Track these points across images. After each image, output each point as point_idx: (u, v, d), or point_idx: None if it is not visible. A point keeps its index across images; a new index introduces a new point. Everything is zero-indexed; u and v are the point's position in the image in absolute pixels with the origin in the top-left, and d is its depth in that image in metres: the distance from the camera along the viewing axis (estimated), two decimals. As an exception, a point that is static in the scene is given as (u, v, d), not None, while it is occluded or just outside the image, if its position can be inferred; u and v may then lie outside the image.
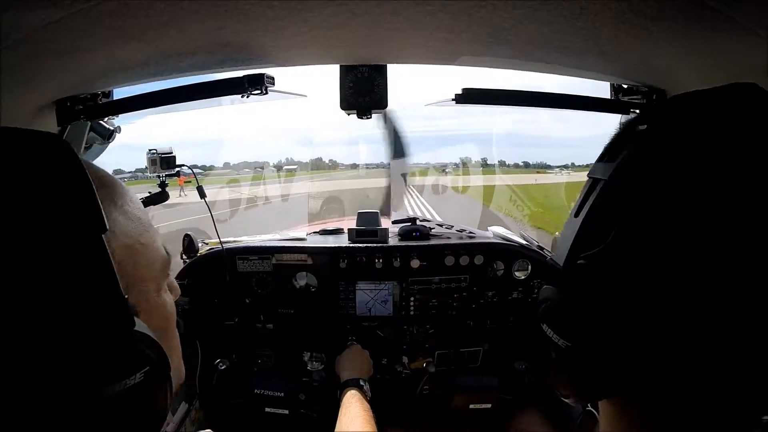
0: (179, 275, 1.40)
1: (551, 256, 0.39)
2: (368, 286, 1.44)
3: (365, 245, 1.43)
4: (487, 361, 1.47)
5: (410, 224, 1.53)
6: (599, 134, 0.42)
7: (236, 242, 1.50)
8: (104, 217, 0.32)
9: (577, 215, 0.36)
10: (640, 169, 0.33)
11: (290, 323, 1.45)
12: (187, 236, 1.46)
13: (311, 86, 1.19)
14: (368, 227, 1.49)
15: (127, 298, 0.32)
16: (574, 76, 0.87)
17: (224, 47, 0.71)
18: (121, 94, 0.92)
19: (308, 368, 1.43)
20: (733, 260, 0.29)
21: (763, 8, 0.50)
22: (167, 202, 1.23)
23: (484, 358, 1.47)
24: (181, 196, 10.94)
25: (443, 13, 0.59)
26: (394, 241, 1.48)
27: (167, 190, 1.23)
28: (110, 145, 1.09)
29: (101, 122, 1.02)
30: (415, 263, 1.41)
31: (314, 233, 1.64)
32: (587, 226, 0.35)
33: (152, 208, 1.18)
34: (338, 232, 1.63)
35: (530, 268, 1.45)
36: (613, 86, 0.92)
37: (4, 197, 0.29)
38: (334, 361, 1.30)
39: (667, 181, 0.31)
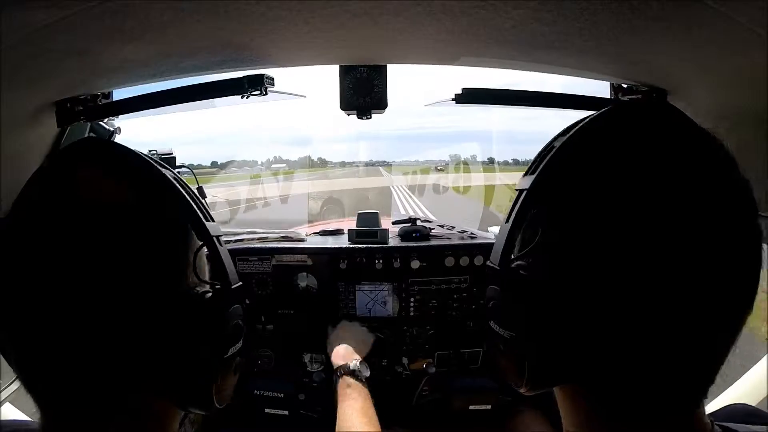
0: None
1: (489, 260, 0.44)
2: (368, 286, 1.44)
3: (365, 246, 1.43)
4: (487, 362, 1.47)
5: (410, 225, 1.53)
6: None
7: (236, 240, 1.50)
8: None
9: (507, 221, 0.42)
10: (552, 179, 0.39)
11: (290, 324, 1.45)
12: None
13: (310, 87, 1.19)
14: (368, 228, 1.49)
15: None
16: (574, 76, 0.87)
17: (224, 48, 0.71)
18: (121, 94, 0.92)
19: (308, 369, 1.43)
20: (626, 248, 0.34)
21: (763, 8, 0.50)
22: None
23: (484, 359, 1.47)
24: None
25: (443, 13, 0.59)
26: (394, 241, 1.48)
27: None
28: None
29: (101, 123, 1.02)
30: (415, 264, 1.41)
31: (314, 234, 1.64)
32: (514, 230, 0.41)
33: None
34: (338, 232, 1.62)
35: None
36: (613, 86, 0.92)
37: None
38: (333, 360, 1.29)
39: (574, 189, 0.37)
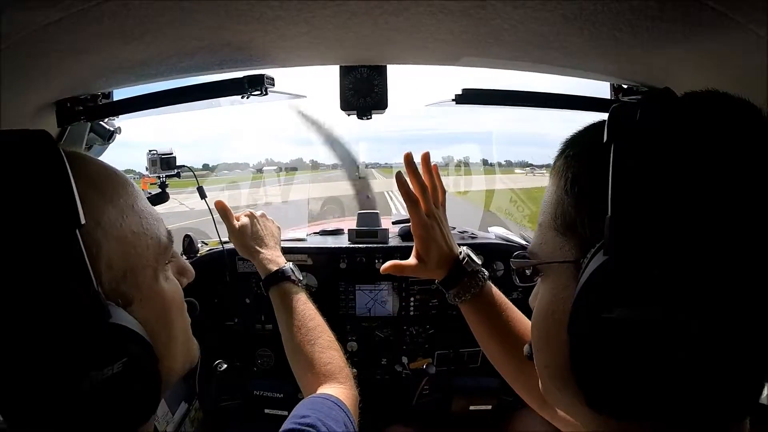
0: None
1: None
2: (368, 286, 1.44)
3: (365, 246, 1.43)
4: (487, 361, 1.47)
5: (410, 225, 1.53)
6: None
7: None
8: (80, 211, 0.32)
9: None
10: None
11: None
12: (187, 237, 1.46)
13: (310, 87, 1.19)
14: (368, 227, 1.49)
15: (116, 288, 0.36)
16: (574, 76, 0.87)
17: (224, 48, 0.71)
18: (121, 94, 0.92)
19: None
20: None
21: (763, 8, 0.50)
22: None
23: (483, 358, 1.47)
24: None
25: (443, 14, 0.59)
26: (394, 241, 1.48)
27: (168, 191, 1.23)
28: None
29: (101, 123, 1.02)
30: None
31: (314, 234, 1.64)
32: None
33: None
34: (338, 232, 1.63)
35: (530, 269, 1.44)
36: (613, 86, 0.92)
37: None
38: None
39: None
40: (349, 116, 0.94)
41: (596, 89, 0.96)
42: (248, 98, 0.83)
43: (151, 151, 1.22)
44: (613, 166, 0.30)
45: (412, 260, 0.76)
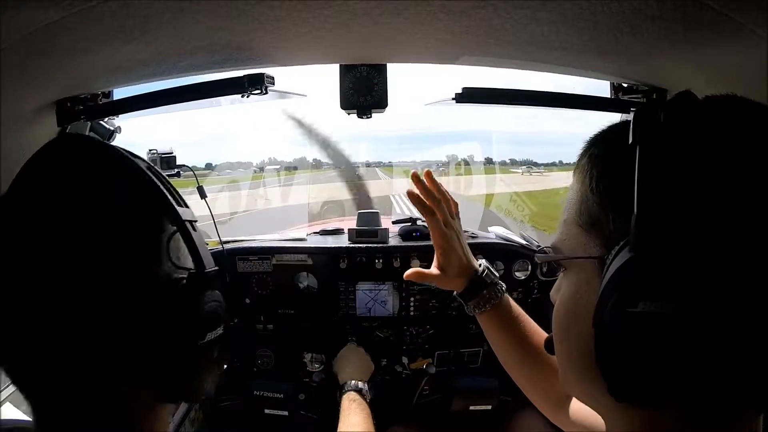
0: None
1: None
2: (368, 286, 1.44)
3: (365, 245, 1.43)
4: (487, 361, 1.47)
5: (410, 224, 1.53)
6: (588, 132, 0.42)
7: (236, 242, 1.50)
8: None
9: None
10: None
11: (290, 324, 1.45)
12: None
13: (310, 86, 1.19)
14: (368, 227, 1.49)
15: None
16: (574, 75, 0.87)
17: (224, 47, 0.71)
18: (121, 94, 0.92)
19: (308, 369, 1.43)
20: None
21: (763, 8, 0.50)
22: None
23: (484, 358, 1.47)
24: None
25: (443, 13, 0.59)
26: (394, 241, 1.48)
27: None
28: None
29: (101, 122, 1.02)
30: (415, 263, 1.41)
31: (314, 233, 1.64)
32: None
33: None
34: (338, 232, 1.63)
35: (530, 268, 1.45)
36: (613, 85, 0.92)
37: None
38: (332, 361, 1.29)
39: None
40: (349, 115, 0.94)
41: (596, 88, 0.96)
42: (248, 97, 0.83)
43: (151, 150, 1.21)
44: (639, 166, 0.31)
45: (434, 269, 0.78)
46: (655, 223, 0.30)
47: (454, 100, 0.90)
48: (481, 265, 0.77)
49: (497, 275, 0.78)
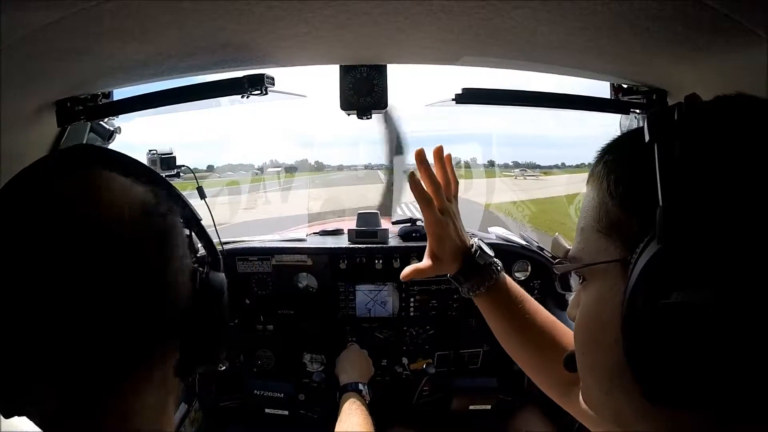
0: None
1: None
2: (368, 287, 1.44)
3: (365, 246, 1.43)
4: (487, 362, 1.47)
5: (410, 225, 1.53)
6: (593, 134, 0.42)
7: (236, 243, 1.50)
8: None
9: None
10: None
11: (290, 324, 1.45)
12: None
13: (310, 86, 1.19)
14: (368, 228, 1.49)
15: None
16: (574, 75, 0.87)
17: (224, 48, 0.71)
18: (121, 94, 0.92)
19: (308, 369, 1.43)
20: None
21: (763, 8, 0.50)
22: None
23: (484, 359, 1.47)
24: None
25: (443, 13, 0.59)
26: (394, 241, 1.48)
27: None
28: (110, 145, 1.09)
29: (101, 123, 1.02)
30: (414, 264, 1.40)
31: (314, 234, 1.64)
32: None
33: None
34: (338, 232, 1.62)
35: (530, 268, 1.45)
36: (613, 86, 0.92)
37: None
38: (334, 362, 1.29)
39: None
40: (349, 116, 0.94)
41: (596, 89, 0.96)
42: (248, 98, 0.83)
43: (151, 151, 1.21)
44: (659, 162, 0.32)
45: (426, 261, 0.76)
46: (679, 213, 0.31)
47: (454, 100, 0.90)
48: (473, 246, 0.74)
49: (492, 254, 0.74)
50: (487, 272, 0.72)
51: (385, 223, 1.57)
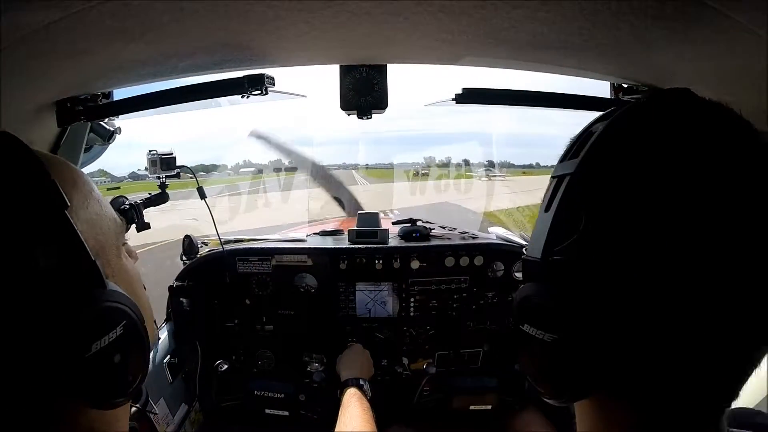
0: (179, 277, 1.40)
1: (525, 252, 0.40)
2: (368, 287, 1.44)
3: (365, 246, 1.43)
4: (487, 362, 1.47)
5: (410, 225, 1.53)
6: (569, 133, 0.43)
7: (236, 242, 1.50)
8: (64, 195, 0.36)
9: (547, 210, 0.38)
10: (600, 162, 0.36)
11: (290, 324, 1.45)
12: (187, 237, 1.46)
13: (310, 86, 1.19)
14: (368, 228, 1.49)
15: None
16: (574, 75, 0.87)
17: (224, 48, 0.71)
18: (121, 94, 0.92)
19: (308, 369, 1.43)
20: (692, 249, 0.31)
21: (763, 8, 0.50)
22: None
23: (484, 359, 1.47)
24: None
25: (443, 13, 0.59)
26: (394, 242, 1.48)
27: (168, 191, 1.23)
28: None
29: (101, 123, 1.02)
30: (415, 264, 1.41)
31: (314, 234, 1.64)
32: (558, 220, 0.37)
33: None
34: (338, 233, 1.63)
35: None
36: (613, 86, 0.92)
37: None
38: (334, 362, 1.29)
39: (623, 174, 0.34)
40: (349, 116, 0.94)
41: (597, 89, 0.96)
42: (248, 98, 0.83)
43: (151, 151, 1.21)
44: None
45: None
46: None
47: (454, 100, 0.90)
48: None
49: None
50: None
51: (385, 223, 1.57)
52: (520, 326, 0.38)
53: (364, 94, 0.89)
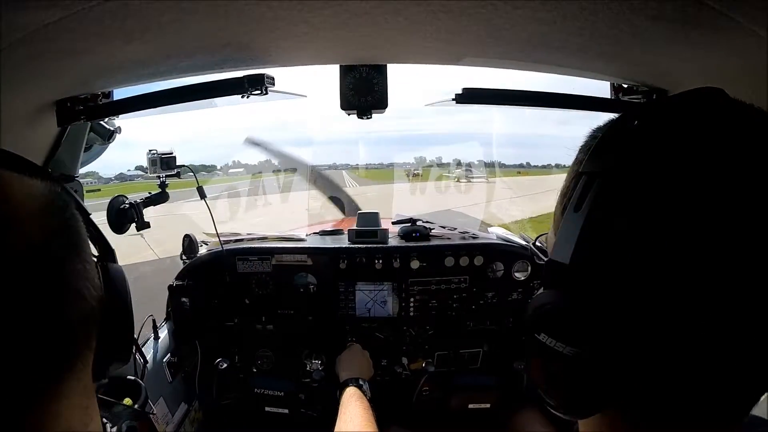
0: (179, 276, 1.40)
1: (549, 255, 0.36)
2: (368, 286, 1.44)
3: (365, 246, 1.43)
4: (486, 361, 1.47)
5: (410, 225, 1.53)
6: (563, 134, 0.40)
7: (236, 242, 1.50)
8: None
9: (577, 210, 0.33)
10: (653, 159, 0.31)
11: (290, 324, 1.45)
12: (186, 237, 1.46)
13: (309, 86, 1.19)
14: (368, 228, 1.49)
15: None
16: (574, 75, 0.87)
17: (224, 48, 0.71)
18: (121, 94, 0.92)
19: (308, 368, 1.43)
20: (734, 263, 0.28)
21: (763, 8, 0.50)
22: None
23: (483, 358, 1.47)
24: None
25: (443, 13, 0.59)
26: (394, 241, 1.48)
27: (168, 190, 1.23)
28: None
29: (101, 123, 1.02)
30: (414, 264, 1.41)
31: (314, 234, 1.64)
32: (592, 221, 0.32)
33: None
34: (338, 232, 1.63)
35: (530, 269, 1.45)
36: (613, 86, 0.92)
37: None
38: (333, 361, 1.29)
39: (680, 174, 0.30)
40: (349, 116, 0.94)
41: (597, 89, 0.96)
42: (248, 97, 0.83)
43: (151, 150, 1.21)
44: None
45: None
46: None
47: (454, 100, 0.90)
48: None
49: None
50: None
51: (385, 223, 1.57)
52: (535, 335, 0.34)
53: (364, 93, 0.89)
